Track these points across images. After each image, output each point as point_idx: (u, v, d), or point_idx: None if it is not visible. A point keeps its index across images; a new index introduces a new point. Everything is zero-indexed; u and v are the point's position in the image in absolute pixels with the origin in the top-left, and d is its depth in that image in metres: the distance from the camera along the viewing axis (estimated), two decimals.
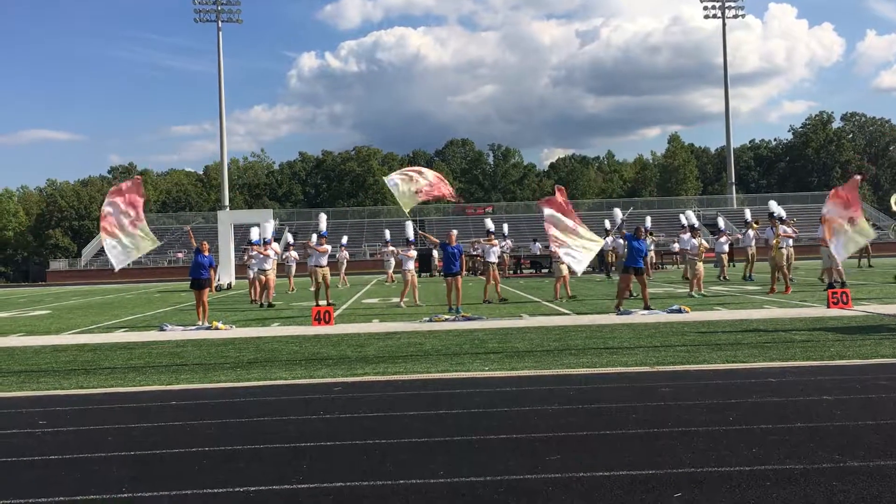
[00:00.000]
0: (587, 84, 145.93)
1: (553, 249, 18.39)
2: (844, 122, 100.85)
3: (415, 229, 21.16)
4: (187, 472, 4.79)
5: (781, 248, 17.98)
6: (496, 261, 18.94)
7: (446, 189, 16.26)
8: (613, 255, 27.76)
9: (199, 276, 15.23)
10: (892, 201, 19.56)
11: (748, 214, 25.49)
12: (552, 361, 8.79)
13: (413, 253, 19.01)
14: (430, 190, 15.98)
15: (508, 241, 34.23)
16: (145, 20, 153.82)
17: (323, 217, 20.57)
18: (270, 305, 19.13)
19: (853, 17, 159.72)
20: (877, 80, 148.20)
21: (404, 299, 18.14)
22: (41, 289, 47.27)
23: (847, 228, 14.64)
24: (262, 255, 19.95)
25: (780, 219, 19.20)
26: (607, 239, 26.16)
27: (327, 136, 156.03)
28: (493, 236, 19.71)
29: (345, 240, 31.77)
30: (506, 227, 36.19)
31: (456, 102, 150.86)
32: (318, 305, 17.66)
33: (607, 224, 29.97)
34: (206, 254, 15.41)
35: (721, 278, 24.19)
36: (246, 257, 21.52)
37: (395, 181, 15.90)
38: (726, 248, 26.14)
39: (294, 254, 27.82)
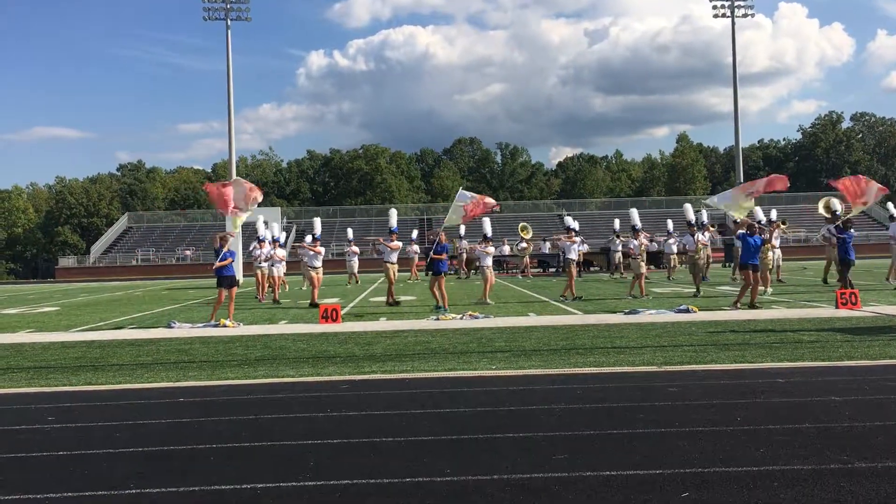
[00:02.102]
0: (596, 83, 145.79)
1: (630, 248, 18.36)
2: (854, 122, 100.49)
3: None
4: (195, 469, 4.81)
5: None
6: (575, 258, 18.85)
7: (489, 201, 17.03)
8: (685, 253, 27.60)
9: (220, 273, 14.89)
10: (821, 205, 19.48)
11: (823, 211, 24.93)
12: (559, 360, 8.78)
13: (491, 249, 18.48)
14: (474, 209, 16.66)
15: (464, 242, 34.13)
16: (154, 18, 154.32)
17: (393, 213, 20.20)
18: (314, 305, 18.18)
19: (864, 16, 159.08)
20: (887, 80, 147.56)
21: (487, 297, 17.70)
22: (50, 285, 47.48)
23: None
24: (312, 252, 19.36)
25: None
26: (675, 236, 26.11)
27: (335, 134, 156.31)
28: (573, 233, 19.59)
29: (308, 239, 31.20)
30: (462, 228, 35.88)
31: (464, 101, 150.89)
32: (390, 302, 17.58)
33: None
34: (216, 248, 15.01)
35: (669, 279, 25.01)
36: (256, 255, 21.40)
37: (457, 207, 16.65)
38: (675, 248, 26.48)
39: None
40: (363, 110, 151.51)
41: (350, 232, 32.49)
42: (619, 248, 30.17)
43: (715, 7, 68.03)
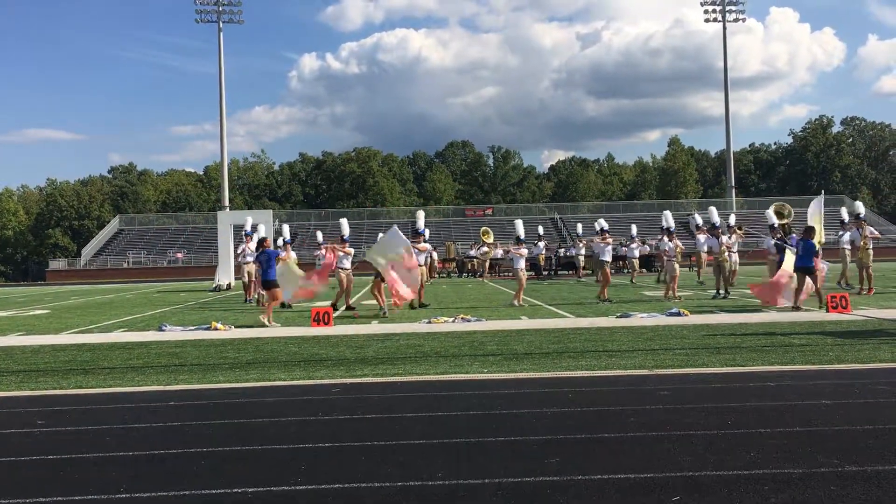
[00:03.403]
0: (588, 86, 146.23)
1: (665, 250, 18.26)
2: (844, 126, 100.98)
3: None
4: (186, 473, 4.79)
5: (869, 248, 18.30)
6: (609, 260, 18.69)
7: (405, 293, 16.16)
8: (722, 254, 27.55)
9: (265, 277, 14.83)
10: (771, 211, 19.55)
11: (845, 215, 24.19)
12: (551, 364, 8.78)
13: (524, 251, 18.17)
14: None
15: (428, 246, 33.97)
16: (146, 20, 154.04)
17: (420, 214, 19.94)
18: (349, 308, 17.86)
19: (855, 21, 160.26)
20: (877, 85, 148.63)
21: (521, 300, 17.52)
22: (40, 288, 47.24)
23: None
24: (342, 253, 18.77)
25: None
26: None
27: (328, 137, 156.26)
28: (606, 235, 19.50)
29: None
30: (427, 232, 35.65)
31: (457, 104, 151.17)
32: (415, 305, 17.44)
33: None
34: (253, 247, 14.80)
35: (632, 281, 25.60)
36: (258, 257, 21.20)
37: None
38: (637, 252, 26.81)
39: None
40: (356, 113, 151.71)
41: (319, 235, 31.84)
42: (583, 251, 30.64)
43: (707, 11, 68.32)
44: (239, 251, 22.16)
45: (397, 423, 6.02)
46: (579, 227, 34.45)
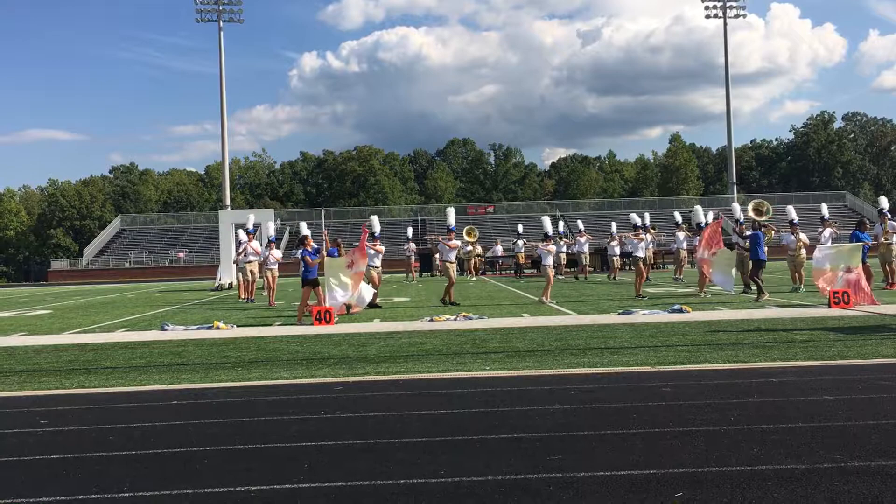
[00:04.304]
0: (589, 84, 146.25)
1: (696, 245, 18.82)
2: (846, 121, 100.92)
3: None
4: (188, 472, 4.79)
5: (891, 243, 18.26)
6: (643, 256, 18.73)
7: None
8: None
9: (311, 275, 14.68)
10: (750, 208, 19.53)
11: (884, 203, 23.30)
12: (553, 361, 8.78)
13: (552, 248, 17.99)
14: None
15: (412, 245, 33.98)
16: (146, 20, 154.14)
17: (451, 211, 19.83)
18: (374, 306, 17.51)
19: (856, 17, 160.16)
20: (878, 80, 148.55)
21: (548, 297, 17.32)
22: (42, 288, 47.28)
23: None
24: (372, 251, 18.02)
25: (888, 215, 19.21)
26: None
27: (329, 135, 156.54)
28: (640, 231, 19.48)
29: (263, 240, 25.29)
30: (410, 230, 35.57)
31: (457, 102, 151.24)
32: (448, 303, 17.36)
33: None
34: (309, 248, 14.63)
35: (610, 277, 26.49)
36: (265, 256, 21.15)
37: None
38: (618, 251, 27.16)
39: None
40: (356, 112, 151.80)
41: (304, 226, 30.54)
42: (564, 249, 30.84)
43: (707, 8, 68.18)
44: (240, 250, 22.17)
45: (399, 421, 6.02)
46: (560, 224, 34.63)
